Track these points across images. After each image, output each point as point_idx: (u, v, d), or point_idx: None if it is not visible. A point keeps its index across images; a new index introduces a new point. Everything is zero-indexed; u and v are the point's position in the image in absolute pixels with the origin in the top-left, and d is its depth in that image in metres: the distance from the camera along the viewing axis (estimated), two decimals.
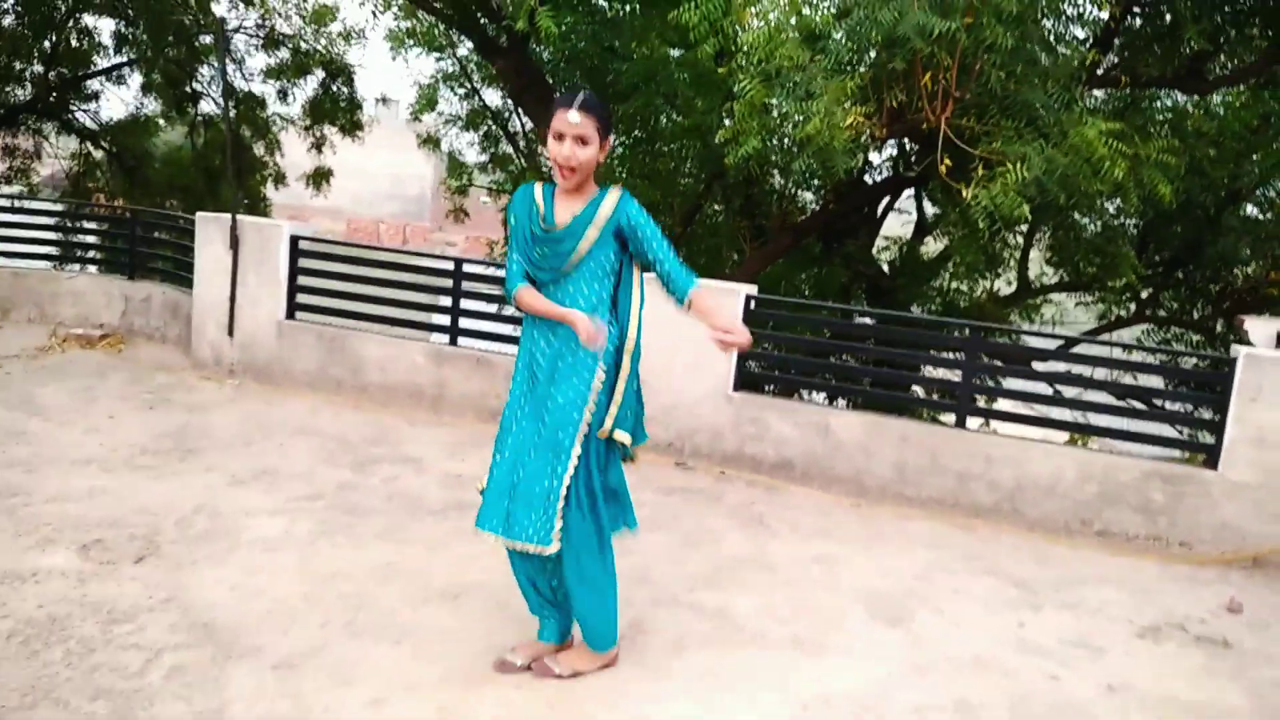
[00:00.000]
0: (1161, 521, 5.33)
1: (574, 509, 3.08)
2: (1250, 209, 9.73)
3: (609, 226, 3.06)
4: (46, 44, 14.49)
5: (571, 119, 2.93)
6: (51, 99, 15.07)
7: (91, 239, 9.65)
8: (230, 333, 7.28)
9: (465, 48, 12.76)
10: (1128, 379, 7.84)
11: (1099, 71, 7.11)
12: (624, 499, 3.31)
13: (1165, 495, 5.32)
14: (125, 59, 15.12)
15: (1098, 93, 8.35)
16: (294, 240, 7.14)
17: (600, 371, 3.13)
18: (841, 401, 8.22)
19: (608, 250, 3.10)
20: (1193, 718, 3.49)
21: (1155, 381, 9.63)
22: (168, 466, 5.20)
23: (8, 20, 14.07)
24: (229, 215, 7.17)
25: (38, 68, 14.67)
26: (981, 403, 6.40)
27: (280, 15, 14.87)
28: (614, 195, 3.09)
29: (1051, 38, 7.02)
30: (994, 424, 7.04)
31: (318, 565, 4.09)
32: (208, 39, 14.25)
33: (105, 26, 14.51)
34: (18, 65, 14.59)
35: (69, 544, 4.07)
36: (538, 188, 3.14)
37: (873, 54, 6.50)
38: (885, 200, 10.88)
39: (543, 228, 3.08)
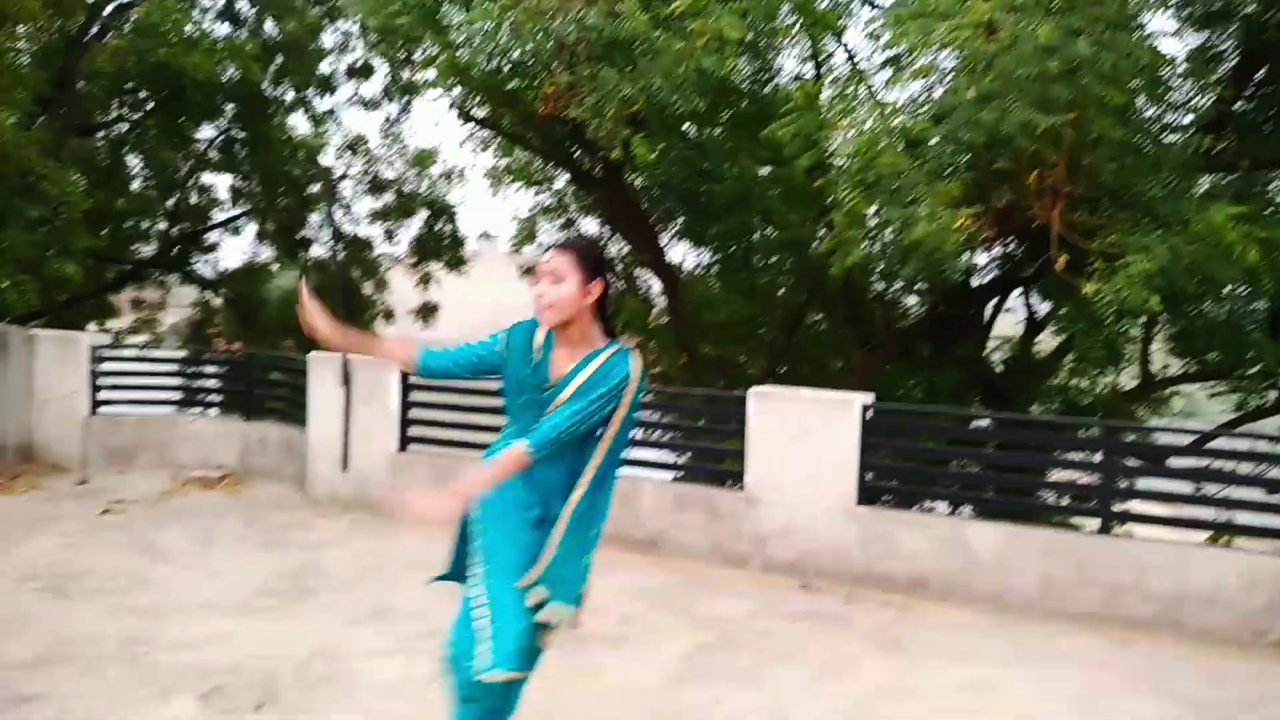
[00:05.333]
0: None
1: None
2: None
3: (585, 379, 2.89)
4: (170, 203, 15.42)
5: (545, 257, 2.90)
6: (174, 253, 15.96)
7: (210, 383, 9.98)
8: (344, 468, 7.34)
9: (561, 180, 13.12)
10: (1277, 471, 7.31)
11: (1214, 155, 6.86)
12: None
13: None
14: (240, 211, 15.98)
15: (1212, 177, 8.06)
16: (404, 374, 7.23)
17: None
18: (967, 510, 7.84)
19: None
20: None
21: None
22: (285, 609, 5.16)
23: (136, 184, 15.06)
24: (340, 354, 7.31)
25: (161, 225, 15.59)
26: (1121, 505, 6.01)
27: (384, 162, 15.59)
28: (608, 354, 2.90)
29: (1159, 127, 6.84)
30: (1135, 527, 6.59)
31: (439, 708, 3.93)
32: (317, 187, 14.98)
33: (222, 182, 15.47)
34: (144, 224, 15.55)
35: (189, 693, 4.01)
36: (540, 332, 2.95)
37: (974, 156, 6.39)
38: (994, 300, 10.60)
39: (533, 378, 2.93)
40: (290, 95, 14.87)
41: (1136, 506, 6.21)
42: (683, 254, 12.27)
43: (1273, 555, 5.29)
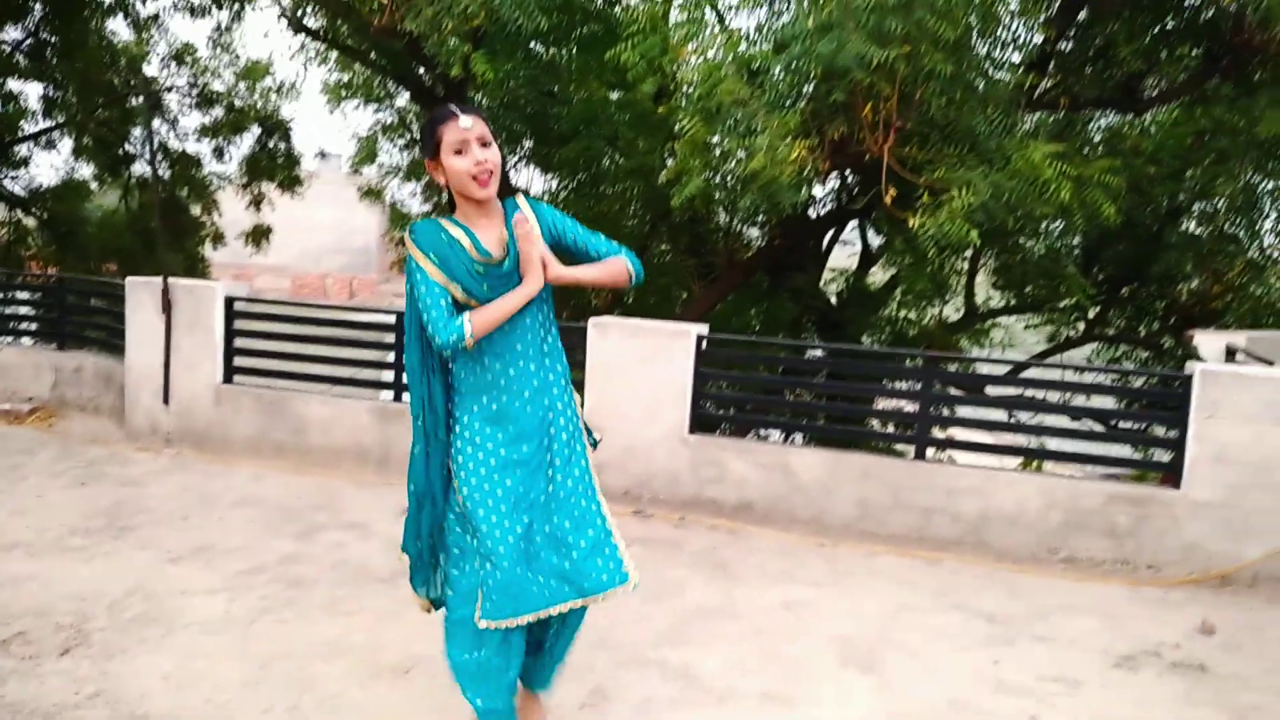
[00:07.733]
0: (1128, 545, 5.25)
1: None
2: (1191, 225, 9.85)
3: (544, 237, 2.77)
4: None
5: (464, 124, 2.60)
6: None
7: (21, 309, 9.33)
8: (166, 400, 7.00)
9: (403, 98, 12.67)
10: (1081, 399, 7.80)
11: (1036, 94, 7.15)
12: None
13: (1130, 518, 5.25)
14: (54, 123, 14.81)
15: (1035, 115, 8.42)
16: (229, 301, 6.91)
17: (576, 396, 3.05)
18: (799, 438, 8.12)
19: None
20: None
21: (1111, 401, 9.68)
22: (100, 547, 4.93)
23: None
24: (160, 279, 6.93)
25: None
26: (938, 432, 6.34)
27: (213, 74, 14.68)
28: (524, 204, 2.79)
29: (988, 63, 7.06)
30: (953, 453, 6.97)
31: (259, 646, 3.86)
32: (140, 100, 14.02)
33: (32, 91, 14.29)
34: None
35: None
36: (445, 223, 2.72)
37: (812, 87, 6.47)
38: (830, 233, 10.88)
39: (481, 262, 2.69)
40: None
41: (957, 434, 6.57)
42: (529, 179, 12.10)
43: (1070, 478, 5.69)
